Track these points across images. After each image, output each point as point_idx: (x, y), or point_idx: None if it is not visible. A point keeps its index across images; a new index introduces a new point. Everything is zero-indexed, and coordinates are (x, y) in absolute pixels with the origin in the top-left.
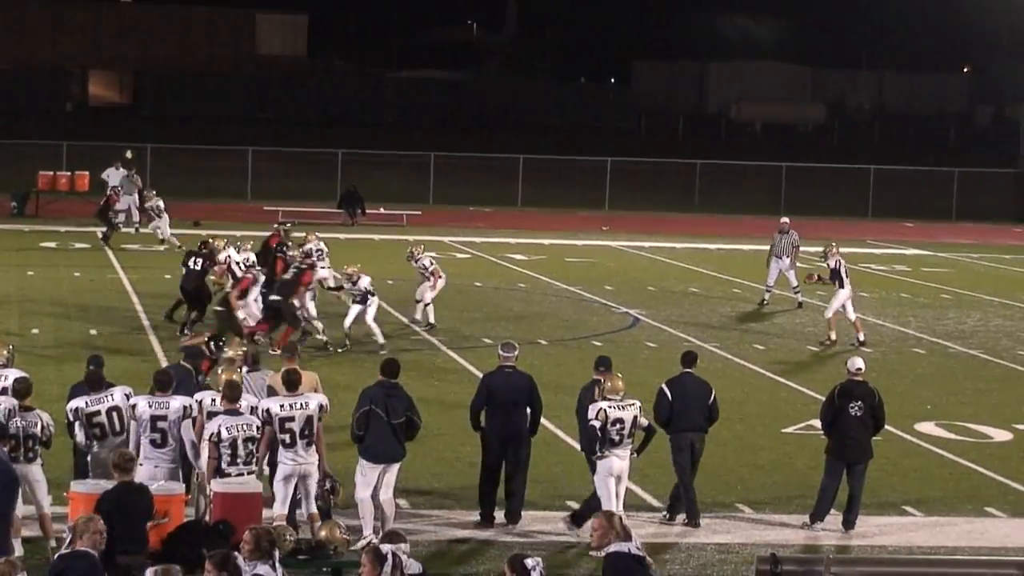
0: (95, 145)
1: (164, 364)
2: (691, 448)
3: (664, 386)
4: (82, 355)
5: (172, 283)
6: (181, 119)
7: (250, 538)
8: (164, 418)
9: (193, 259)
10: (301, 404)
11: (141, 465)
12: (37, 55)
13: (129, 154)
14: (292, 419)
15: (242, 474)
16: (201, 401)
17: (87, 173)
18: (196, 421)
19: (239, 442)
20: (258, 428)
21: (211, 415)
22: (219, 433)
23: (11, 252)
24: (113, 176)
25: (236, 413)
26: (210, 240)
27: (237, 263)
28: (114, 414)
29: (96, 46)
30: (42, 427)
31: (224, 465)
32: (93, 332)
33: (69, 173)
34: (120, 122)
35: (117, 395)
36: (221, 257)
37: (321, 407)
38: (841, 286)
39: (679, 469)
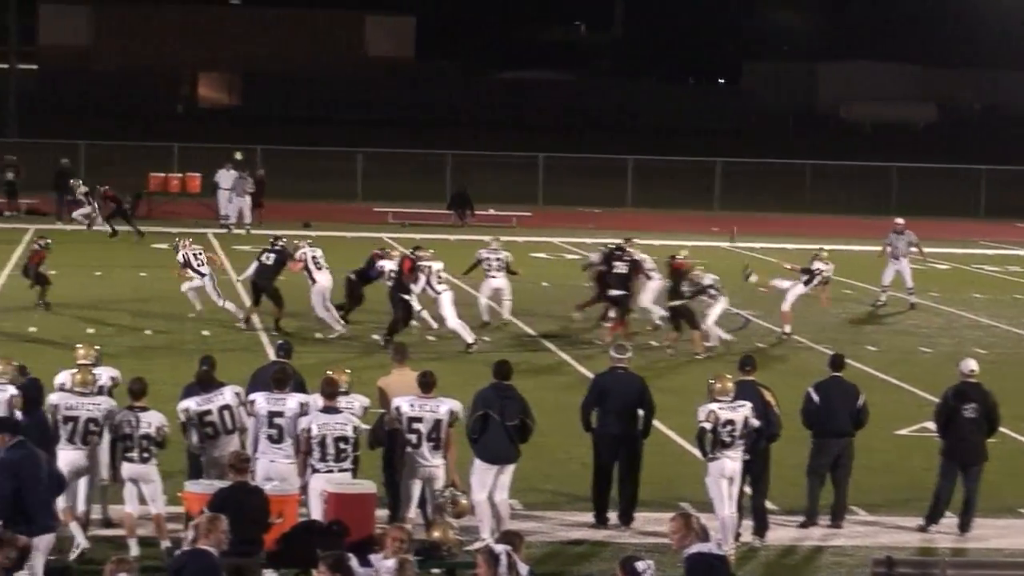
0: (205, 147)
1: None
2: (836, 453)
3: (811, 389)
4: (195, 355)
5: (284, 284)
6: (290, 121)
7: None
8: (281, 414)
9: (265, 254)
10: (432, 407)
11: (257, 460)
12: (147, 58)
13: (239, 156)
14: (420, 420)
15: (332, 471)
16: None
17: (198, 175)
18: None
19: (329, 440)
20: (354, 428)
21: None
22: (310, 429)
23: (124, 253)
24: (224, 178)
25: (333, 411)
26: (283, 237)
27: (314, 258)
28: (226, 413)
29: (205, 48)
30: (157, 427)
31: (315, 462)
32: (205, 332)
33: (180, 175)
34: (230, 124)
35: (228, 394)
36: (298, 254)
37: (452, 412)
38: (805, 284)
39: (813, 473)
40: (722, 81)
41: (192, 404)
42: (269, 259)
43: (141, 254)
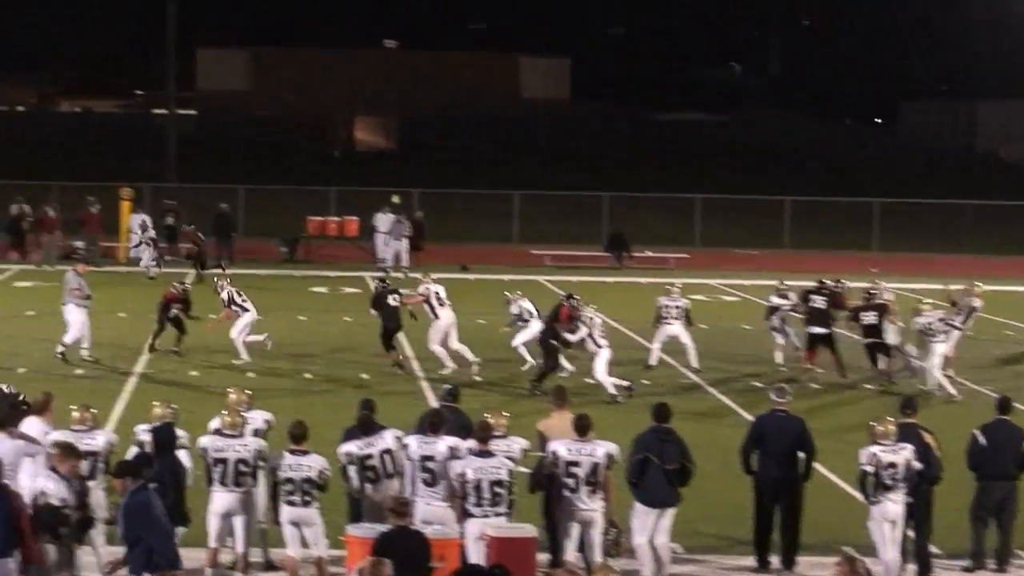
0: (362, 191)
1: (433, 405)
2: (1001, 497)
3: (977, 431)
4: (354, 398)
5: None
6: (446, 163)
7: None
8: (432, 458)
9: (391, 296)
10: (589, 451)
11: (415, 503)
12: (304, 102)
13: (396, 199)
14: (578, 464)
15: (487, 516)
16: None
17: (355, 218)
18: None
19: (484, 484)
20: (509, 472)
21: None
22: (465, 473)
23: (282, 296)
24: (382, 221)
25: (488, 455)
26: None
27: (437, 295)
28: (387, 456)
29: (362, 92)
30: (319, 471)
31: (470, 506)
32: (364, 375)
33: (338, 218)
34: (386, 167)
35: (389, 438)
36: (421, 288)
37: (609, 455)
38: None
39: (977, 516)
40: (879, 121)
41: (353, 448)
42: (395, 301)
43: (300, 298)
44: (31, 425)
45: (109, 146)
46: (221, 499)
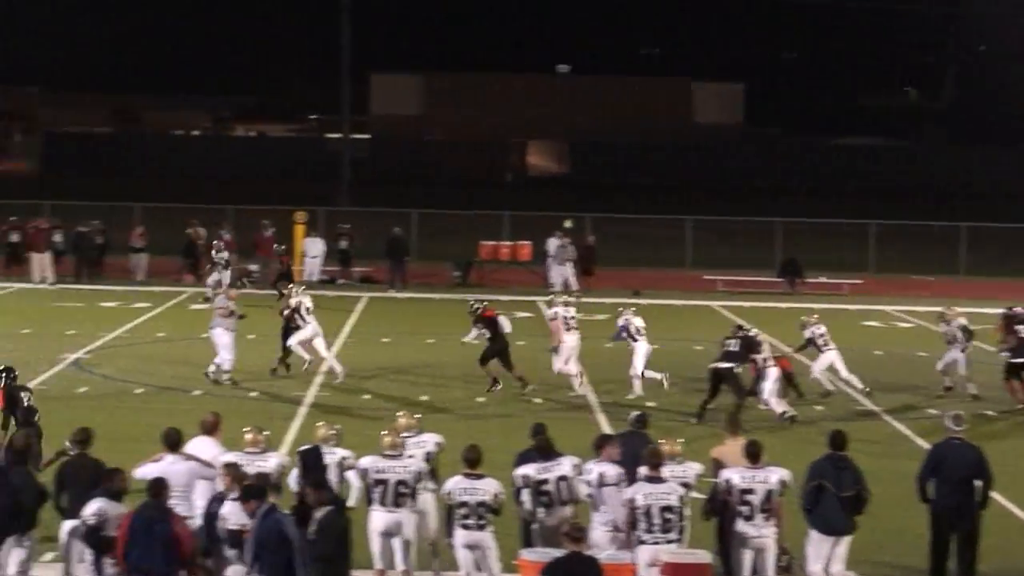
0: (535, 215)
1: (607, 430)
2: None
3: None
4: (526, 422)
5: (614, 353)
6: (618, 188)
7: None
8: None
9: (501, 318)
10: (763, 477)
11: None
12: (477, 126)
13: (569, 223)
14: (752, 491)
15: (658, 542)
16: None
17: (528, 243)
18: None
19: (655, 510)
20: (680, 498)
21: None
22: (634, 499)
23: (454, 320)
24: (553, 246)
25: (657, 480)
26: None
27: (565, 318)
28: (562, 483)
29: (534, 117)
30: (493, 495)
31: (641, 533)
32: (538, 401)
33: (510, 243)
34: (558, 192)
35: (566, 464)
36: (550, 312)
37: (782, 482)
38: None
39: None
40: None
41: (531, 471)
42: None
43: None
44: (202, 445)
45: (283, 170)
46: (380, 518)
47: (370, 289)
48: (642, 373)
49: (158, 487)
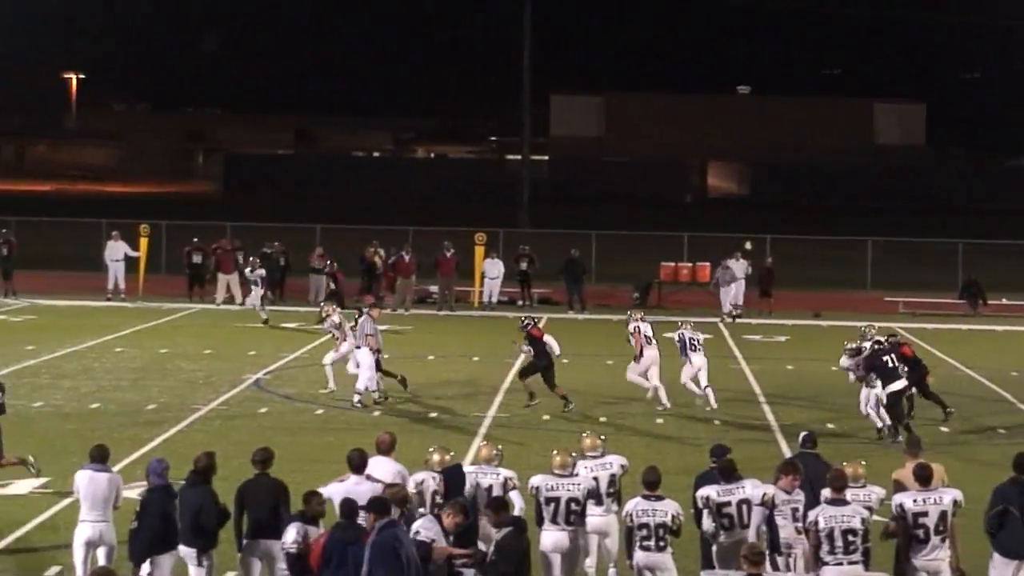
0: (714, 236)
1: (787, 455)
2: None
3: None
4: (704, 444)
5: (794, 375)
6: (798, 209)
7: None
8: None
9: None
10: (935, 499)
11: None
12: (656, 147)
13: (749, 245)
14: (926, 514)
15: (841, 564)
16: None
17: (707, 264)
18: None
19: (837, 532)
20: (862, 520)
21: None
22: (817, 521)
23: None
24: (735, 267)
25: (841, 503)
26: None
27: (645, 335)
28: (744, 507)
29: (715, 138)
30: (672, 515)
31: (824, 555)
32: (716, 422)
33: (690, 264)
34: (738, 212)
35: (748, 488)
36: (631, 327)
37: (956, 502)
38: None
39: None
40: None
41: (713, 492)
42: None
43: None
44: (379, 465)
45: (463, 191)
46: (550, 537)
47: (549, 310)
48: (693, 386)
49: (350, 508)
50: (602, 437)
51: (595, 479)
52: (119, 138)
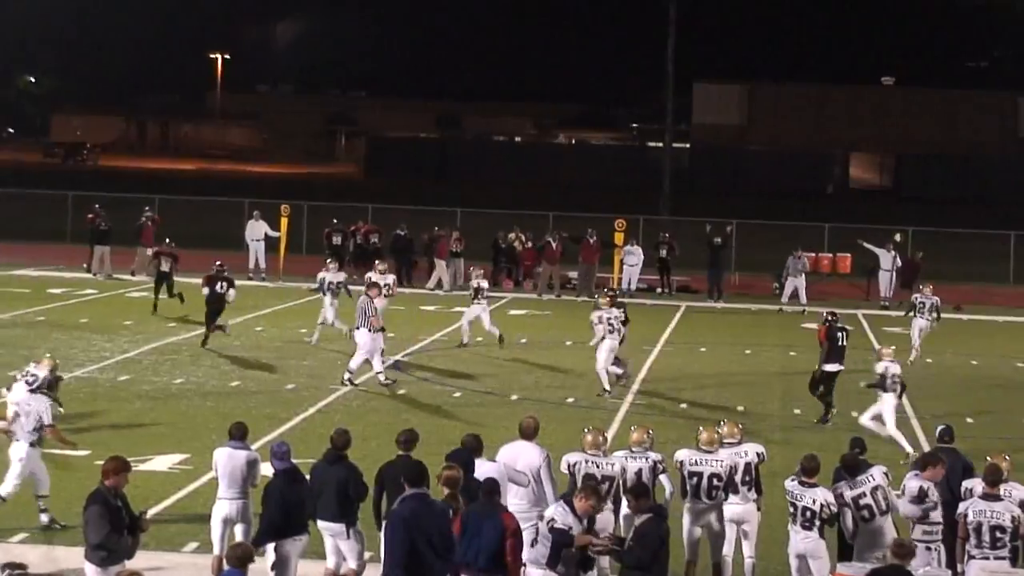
0: (856, 228)
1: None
2: None
3: None
4: (845, 435)
5: (933, 368)
6: (943, 201)
7: None
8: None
9: None
10: None
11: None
12: (798, 137)
13: (898, 237)
14: None
15: (987, 558)
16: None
17: (848, 255)
18: None
19: (985, 527)
20: (1013, 518)
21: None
22: (967, 515)
23: (774, 332)
24: (884, 258)
25: (993, 498)
26: None
27: (608, 319)
28: (878, 493)
29: (858, 128)
30: (821, 504)
31: (971, 548)
32: (854, 414)
33: (830, 255)
34: (881, 204)
35: (877, 474)
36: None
37: None
38: None
39: None
40: None
41: (845, 491)
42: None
43: (791, 334)
44: (522, 449)
45: (603, 178)
46: (695, 508)
47: (688, 298)
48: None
49: (492, 487)
50: (740, 425)
51: (731, 467)
52: (262, 119)
